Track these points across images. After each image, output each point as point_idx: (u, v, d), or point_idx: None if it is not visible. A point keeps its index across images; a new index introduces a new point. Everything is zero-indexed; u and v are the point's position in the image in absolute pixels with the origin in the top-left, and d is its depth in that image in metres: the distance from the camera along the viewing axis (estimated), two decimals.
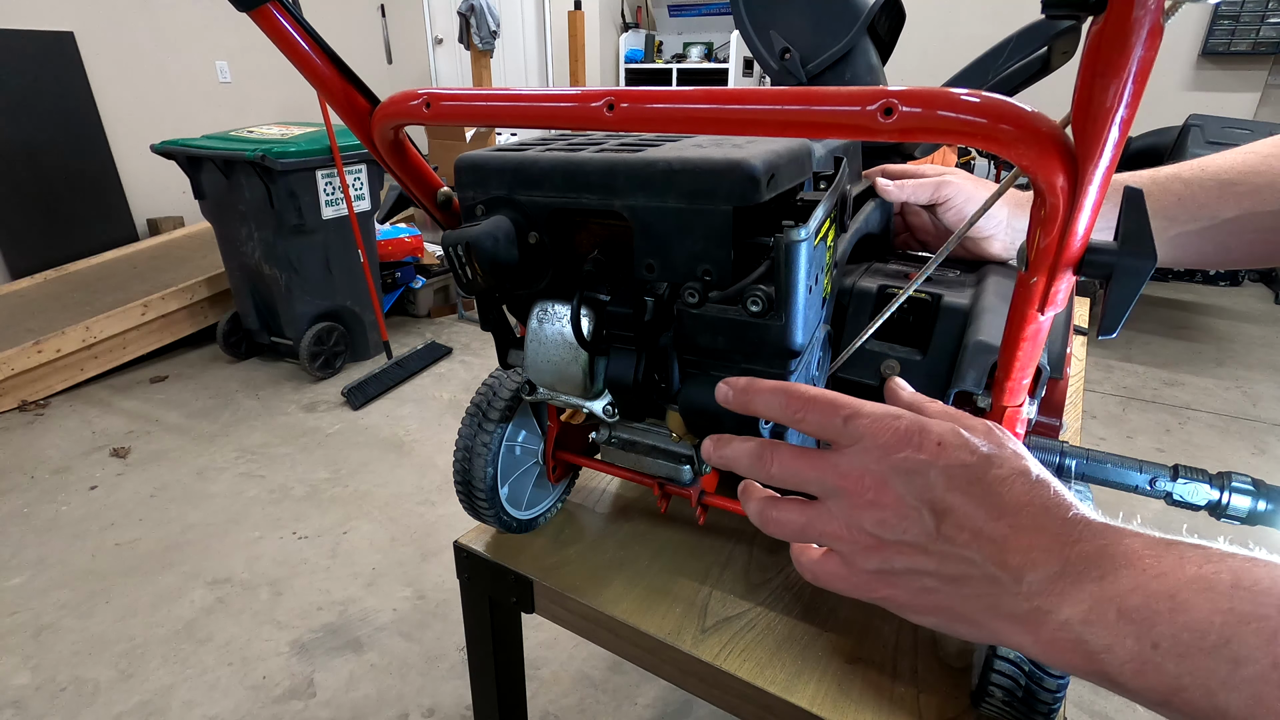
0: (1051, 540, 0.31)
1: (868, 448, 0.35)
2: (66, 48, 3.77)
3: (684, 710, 1.46)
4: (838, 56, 0.62)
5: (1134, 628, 0.28)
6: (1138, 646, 0.28)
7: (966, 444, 0.34)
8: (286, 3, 0.45)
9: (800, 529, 0.38)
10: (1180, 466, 0.52)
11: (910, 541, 0.34)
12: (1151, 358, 3.20)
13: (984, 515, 0.32)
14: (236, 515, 2.09)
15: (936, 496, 0.33)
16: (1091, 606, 0.29)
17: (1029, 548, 0.31)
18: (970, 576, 0.33)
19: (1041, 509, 0.32)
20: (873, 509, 0.34)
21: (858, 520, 0.35)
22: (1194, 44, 4.23)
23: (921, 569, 0.34)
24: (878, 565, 0.35)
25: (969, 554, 0.32)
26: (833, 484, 0.36)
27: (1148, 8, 0.26)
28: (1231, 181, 0.62)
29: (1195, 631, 0.27)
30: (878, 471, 0.34)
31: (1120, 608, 0.29)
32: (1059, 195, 0.33)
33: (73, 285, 3.31)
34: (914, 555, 0.34)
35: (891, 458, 0.34)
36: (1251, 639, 0.26)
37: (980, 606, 0.33)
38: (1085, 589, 0.30)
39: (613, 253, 0.50)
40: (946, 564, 0.33)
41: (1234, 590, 0.27)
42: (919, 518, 0.33)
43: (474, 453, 0.65)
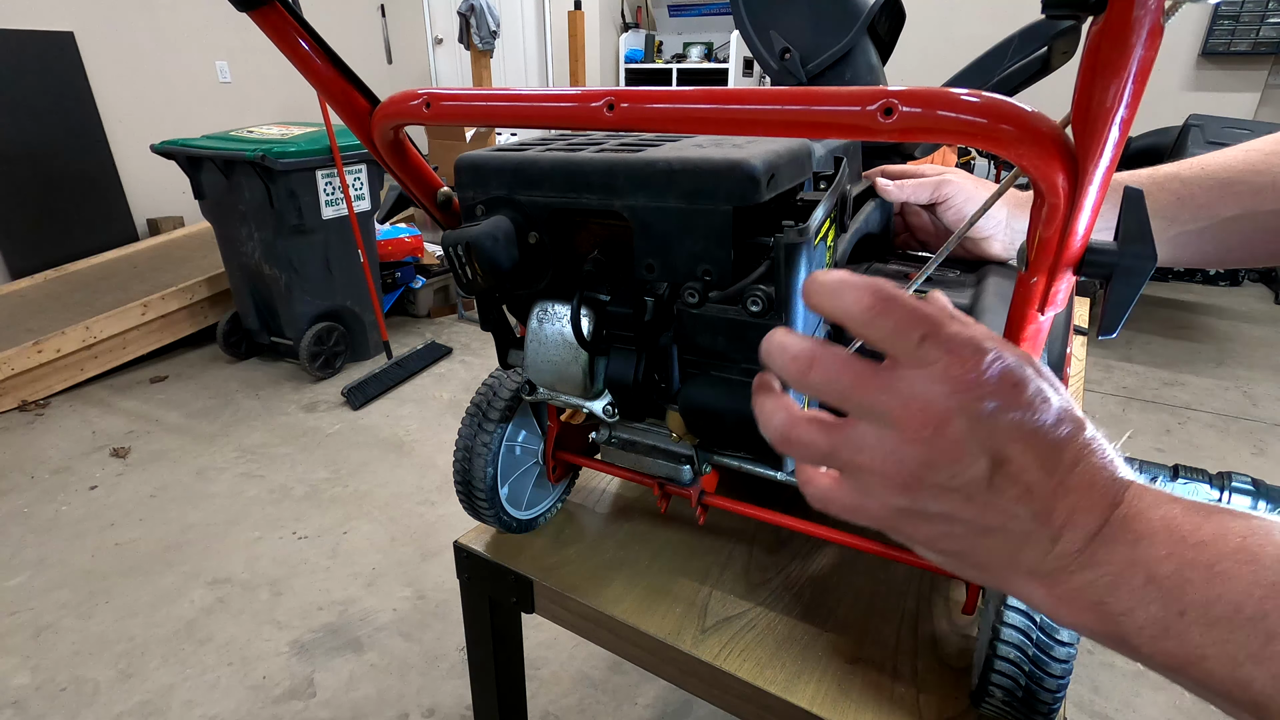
0: (1096, 501, 0.30)
1: (938, 376, 0.30)
2: (66, 48, 3.77)
3: (684, 710, 1.46)
4: (838, 56, 0.62)
5: (1161, 594, 0.28)
6: (1162, 613, 0.28)
7: (1040, 390, 0.31)
8: (286, 3, 0.45)
9: (825, 454, 0.33)
10: (1180, 466, 0.52)
11: (956, 487, 0.31)
12: (1151, 358, 3.20)
13: (1041, 471, 0.30)
14: (236, 515, 2.09)
15: (999, 445, 0.30)
16: (1121, 570, 0.29)
17: (1073, 507, 0.30)
18: (1006, 530, 0.31)
19: (1093, 467, 0.30)
20: (924, 446, 0.31)
21: (901, 454, 0.31)
22: (1194, 44, 4.22)
23: (957, 515, 0.31)
24: (908, 504, 0.32)
25: (1015, 508, 0.30)
26: (883, 408, 0.31)
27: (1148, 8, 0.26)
28: (1231, 181, 0.62)
29: (1230, 603, 0.26)
30: (944, 406, 0.30)
31: (1149, 573, 0.28)
32: (1059, 195, 0.33)
33: (73, 285, 3.31)
34: (954, 502, 0.31)
35: (964, 394, 0.30)
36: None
37: (1002, 557, 0.32)
38: (1117, 551, 0.29)
39: (613, 253, 0.50)
40: (987, 514, 0.31)
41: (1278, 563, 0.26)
42: (973, 464, 0.30)
43: (474, 453, 0.65)
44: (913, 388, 0.31)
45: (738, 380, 0.47)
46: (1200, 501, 0.30)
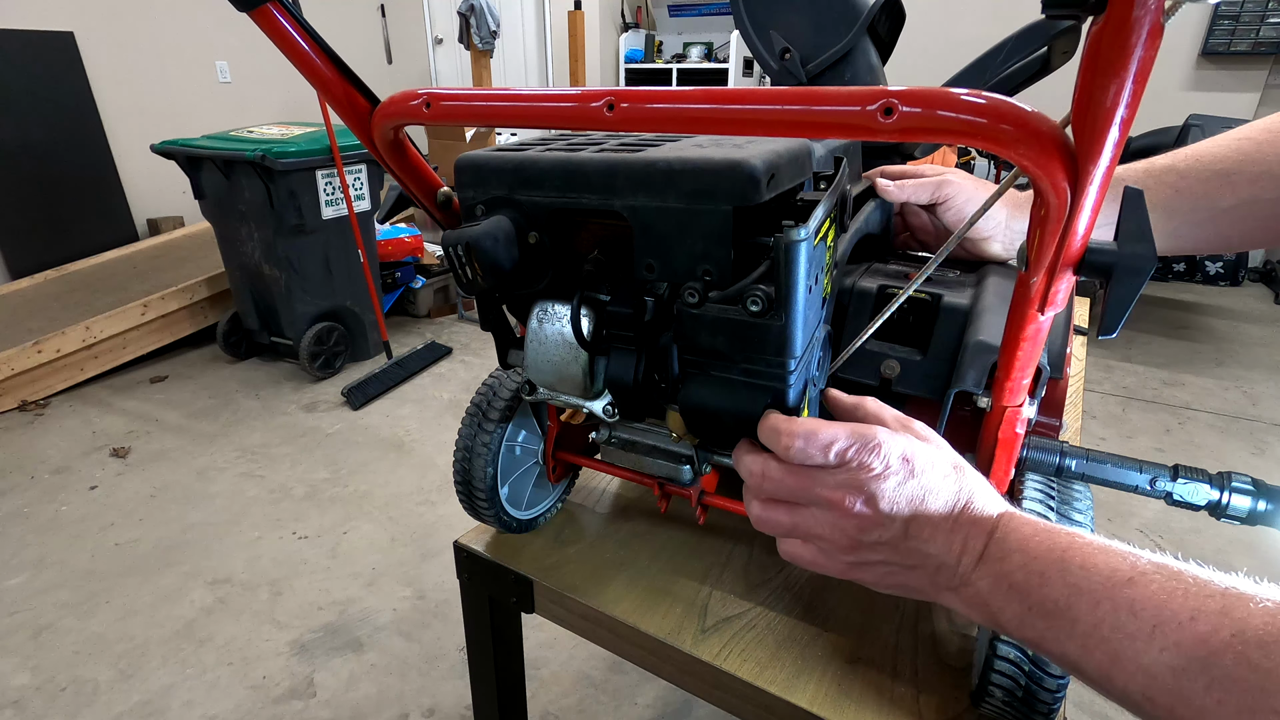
0: (979, 532, 0.41)
1: (852, 470, 0.42)
2: (66, 48, 3.77)
3: (684, 710, 1.46)
4: (838, 56, 0.62)
5: (1017, 596, 0.38)
6: (1019, 609, 0.38)
7: (928, 457, 0.43)
8: (286, 3, 0.45)
9: (789, 528, 0.46)
10: (1180, 466, 0.52)
11: (884, 541, 0.43)
12: (1151, 358, 3.20)
13: (940, 518, 0.42)
14: (236, 515, 2.09)
15: (907, 508, 0.42)
16: (994, 581, 0.40)
17: (965, 538, 0.41)
18: (924, 564, 0.42)
19: (976, 507, 0.42)
20: (856, 519, 0.43)
21: (841, 526, 0.43)
22: (1194, 44, 4.22)
23: (889, 560, 0.44)
24: (855, 559, 0.45)
25: (928, 548, 0.42)
26: (821, 497, 0.44)
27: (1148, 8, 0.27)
28: (1228, 171, 0.62)
29: (1051, 600, 0.37)
30: (864, 491, 0.42)
31: (1010, 582, 0.39)
32: (1059, 195, 0.33)
33: (73, 285, 3.31)
34: (885, 551, 0.43)
35: (873, 479, 0.42)
36: (1083, 606, 0.36)
37: (927, 582, 0.43)
38: (992, 568, 0.40)
39: (613, 253, 0.50)
40: (909, 556, 0.43)
41: (1080, 570, 0.37)
42: (892, 525, 0.42)
43: (474, 453, 0.65)
44: (836, 480, 0.43)
45: (738, 380, 0.46)
46: (1045, 523, 0.40)
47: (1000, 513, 0.42)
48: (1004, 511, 0.42)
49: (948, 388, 0.53)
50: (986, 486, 0.43)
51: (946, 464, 0.43)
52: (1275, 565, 1.89)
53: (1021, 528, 0.40)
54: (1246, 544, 1.92)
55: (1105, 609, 0.35)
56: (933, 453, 0.43)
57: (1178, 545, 1.93)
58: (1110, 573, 0.36)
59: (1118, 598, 0.35)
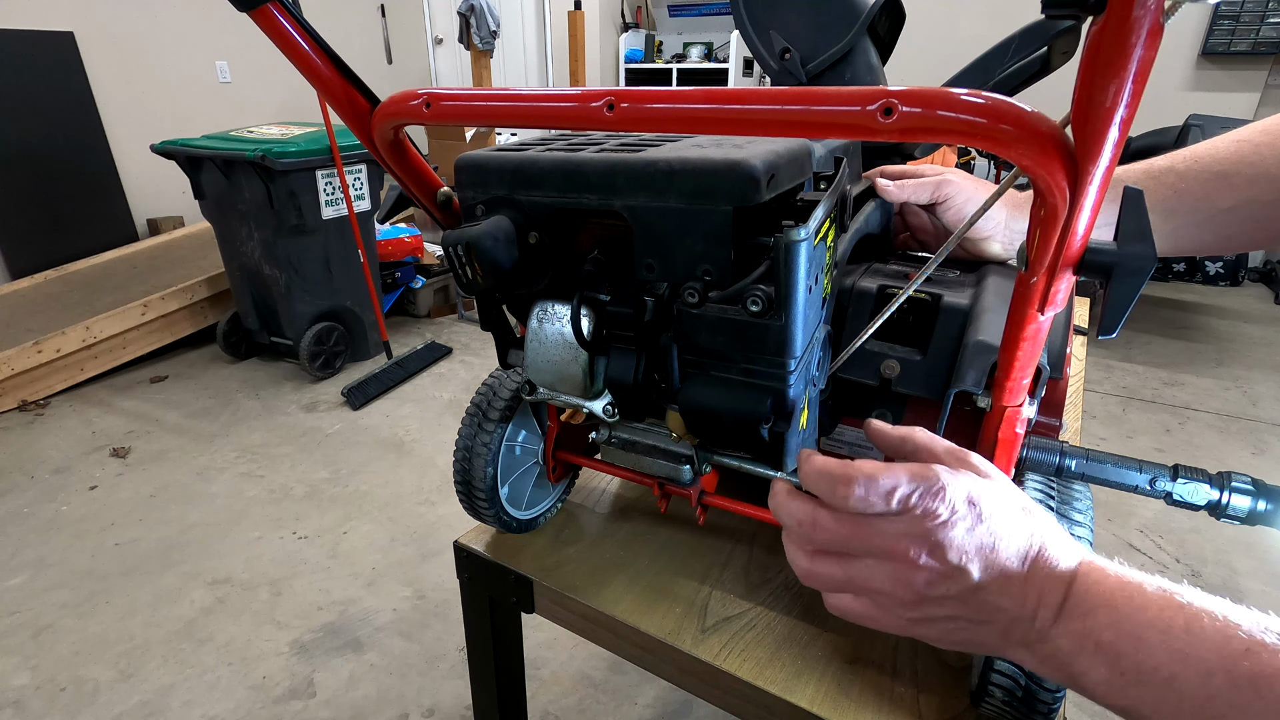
0: (1057, 583, 0.37)
1: (915, 518, 0.38)
2: (66, 48, 3.77)
3: (684, 710, 1.46)
4: (838, 56, 0.62)
5: (1106, 659, 0.35)
6: (1108, 674, 0.35)
7: (994, 500, 0.39)
8: (286, 3, 0.45)
9: (842, 583, 0.42)
10: (1180, 466, 0.52)
11: (952, 596, 0.39)
12: (1151, 358, 3.20)
13: (1013, 566, 0.38)
14: (236, 515, 2.09)
15: (975, 557, 0.38)
16: (1078, 640, 0.36)
17: (1041, 590, 0.37)
18: (995, 620, 0.39)
19: (1051, 554, 0.38)
20: (923, 571, 0.39)
21: (904, 579, 0.39)
22: (1194, 44, 4.22)
23: (958, 615, 0.39)
24: (918, 614, 0.40)
25: (999, 601, 0.38)
26: (879, 547, 0.40)
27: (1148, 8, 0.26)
28: (1226, 173, 0.62)
29: (1150, 667, 0.33)
30: (930, 540, 0.38)
31: (1097, 642, 0.35)
32: (1059, 195, 0.33)
33: (73, 285, 3.31)
34: (953, 606, 0.39)
35: (939, 527, 0.38)
36: (1191, 676, 0.32)
37: (997, 639, 0.39)
38: (1074, 624, 0.36)
39: (613, 253, 0.50)
40: (979, 611, 0.39)
41: (1185, 634, 0.33)
42: (963, 577, 0.38)
43: (474, 453, 0.65)
44: (897, 528, 0.39)
45: (738, 380, 0.46)
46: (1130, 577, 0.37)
47: (1079, 561, 0.38)
48: (1083, 560, 0.38)
49: (948, 388, 0.53)
50: (1058, 528, 0.40)
51: (1015, 505, 0.39)
52: (1275, 565, 1.89)
53: (1105, 579, 0.36)
54: (1246, 544, 1.92)
55: (1219, 683, 0.31)
56: (999, 492, 0.39)
57: (1178, 545, 1.93)
58: (1223, 640, 0.32)
59: (1236, 672, 0.31)
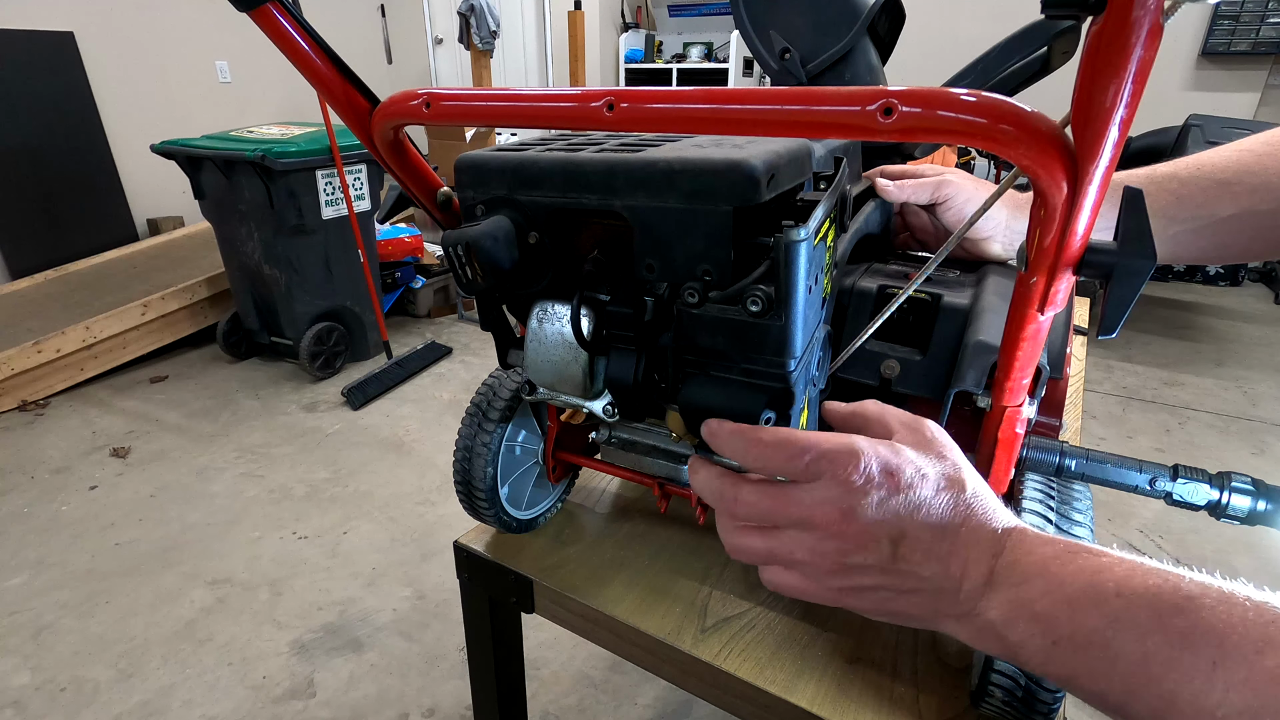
0: (983, 553, 0.37)
1: (829, 484, 0.38)
2: (66, 48, 3.77)
3: (684, 710, 1.46)
4: (838, 56, 0.62)
5: (1040, 628, 0.34)
6: (1043, 642, 0.34)
7: (916, 469, 0.38)
8: (286, 3, 0.45)
9: (766, 555, 0.42)
10: (1180, 466, 0.52)
11: (872, 565, 0.38)
12: (1151, 358, 3.20)
13: (932, 536, 0.37)
14: (236, 515, 2.09)
15: (893, 526, 0.37)
16: (1010, 611, 0.35)
17: (966, 560, 0.37)
18: (921, 589, 0.38)
19: (977, 523, 0.37)
20: (837, 539, 0.39)
21: (822, 549, 0.39)
22: (1194, 44, 4.22)
23: (881, 585, 0.39)
24: (841, 583, 0.40)
25: (922, 571, 0.38)
26: (796, 517, 0.39)
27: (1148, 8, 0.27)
28: (1228, 181, 0.62)
29: (1085, 633, 0.33)
30: (841, 506, 0.38)
31: (1031, 611, 0.35)
32: (1059, 195, 0.33)
33: (73, 285, 3.31)
34: (874, 575, 0.39)
35: (853, 494, 0.38)
36: (1125, 639, 0.31)
37: (927, 609, 0.39)
38: (1005, 594, 0.36)
39: (613, 253, 0.50)
40: (903, 580, 0.38)
41: (1116, 598, 0.32)
42: (879, 546, 0.38)
43: (474, 453, 0.65)
44: (814, 497, 0.39)
45: (737, 380, 0.46)
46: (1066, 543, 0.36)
47: (1007, 528, 0.37)
48: (1012, 527, 0.37)
49: (948, 388, 0.53)
50: (992, 500, 0.39)
51: (938, 475, 0.39)
52: (1275, 565, 1.89)
53: (1039, 548, 0.36)
54: (1246, 544, 1.92)
55: (1154, 642, 0.31)
56: (923, 463, 0.39)
57: (1178, 545, 1.93)
58: (1153, 599, 0.32)
59: (1168, 629, 0.30)
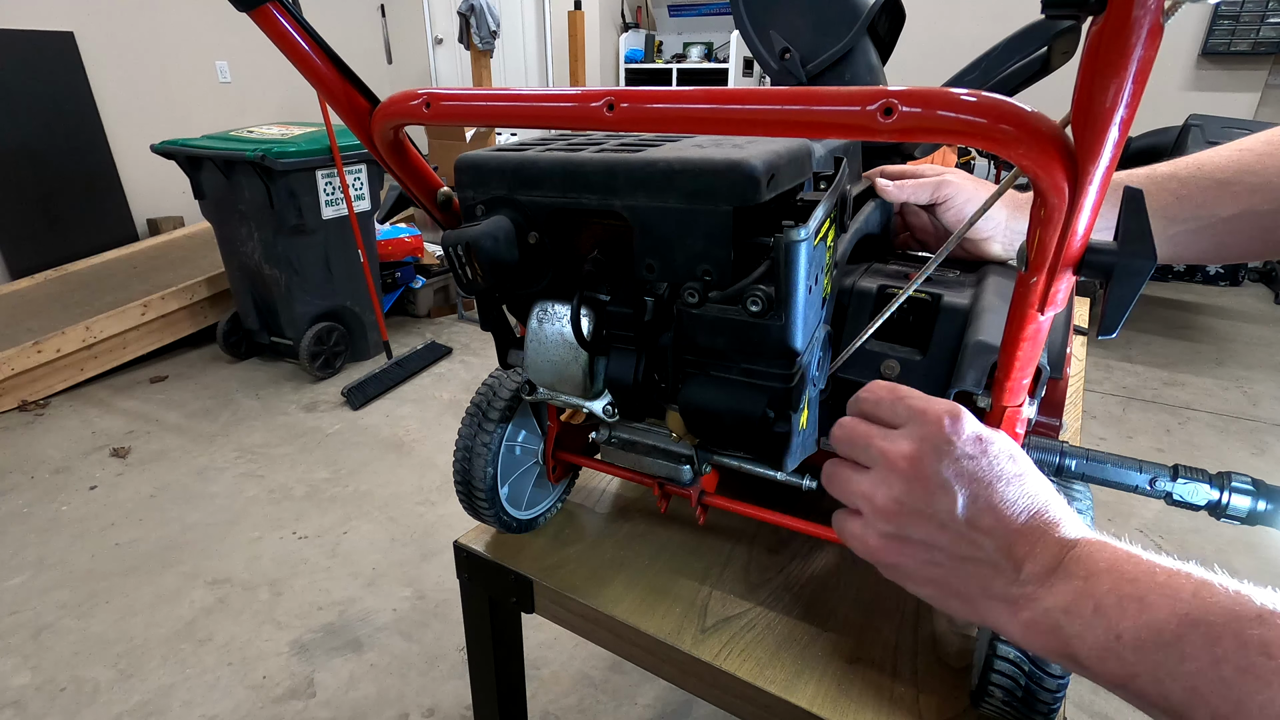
0: (1053, 543, 0.36)
1: (916, 426, 0.39)
2: (66, 48, 3.77)
3: (684, 710, 1.46)
4: (838, 56, 0.62)
5: (1104, 620, 0.33)
6: (1105, 637, 0.33)
7: (1009, 448, 0.38)
8: (286, 3, 0.45)
9: (841, 483, 0.42)
10: (1180, 466, 0.52)
11: (932, 514, 0.38)
12: (1151, 358, 3.20)
13: (1009, 509, 0.37)
14: (236, 515, 2.09)
15: (968, 484, 0.37)
16: (1074, 600, 0.34)
17: (1033, 543, 0.36)
18: (976, 558, 0.37)
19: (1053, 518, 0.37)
20: (902, 479, 0.39)
21: (887, 484, 0.39)
22: (1194, 44, 4.22)
23: (934, 542, 0.38)
24: (893, 530, 0.39)
25: (983, 539, 0.37)
26: (877, 452, 0.40)
27: (1148, 8, 0.27)
28: (1228, 181, 0.62)
29: (1153, 629, 0.31)
30: (919, 448, 0.38)
31: (1097, 604, 0.33)
32: (1059, 195, 0.33)
33: (73, 285, 3.30)
34: (931, 528, 0.38)
35: (935, 439, 0.38)
36: (1197, 640, 0.30)
37: (976, 585, 0.38)
38: (1071, 584, 0.35)
39: (613, 253, 0.50)
40: (959, 543, 0.37)
41: (1193, 599, 0.31)
42: (944, 496, 0.37)
43: (474, 453, 0.65)
44: (898, 437, 0.40)
45: (738, 380, 0.46)
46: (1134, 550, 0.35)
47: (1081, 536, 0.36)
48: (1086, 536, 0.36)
49: (948, 388, 0.53)
50: (1071, 513, 0.38)
51: (1028, 464, 0.39)
52: (1275, 565, 1.89)
53: (1107, 548, 0.35)
54: (1246, 544, 1.92)
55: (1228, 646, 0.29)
56: (1017, 451, 0.39)
57: (1178, 545, 1.93)
58: (1232, 604, 0.30)
59: (1245, 635, 0.29)
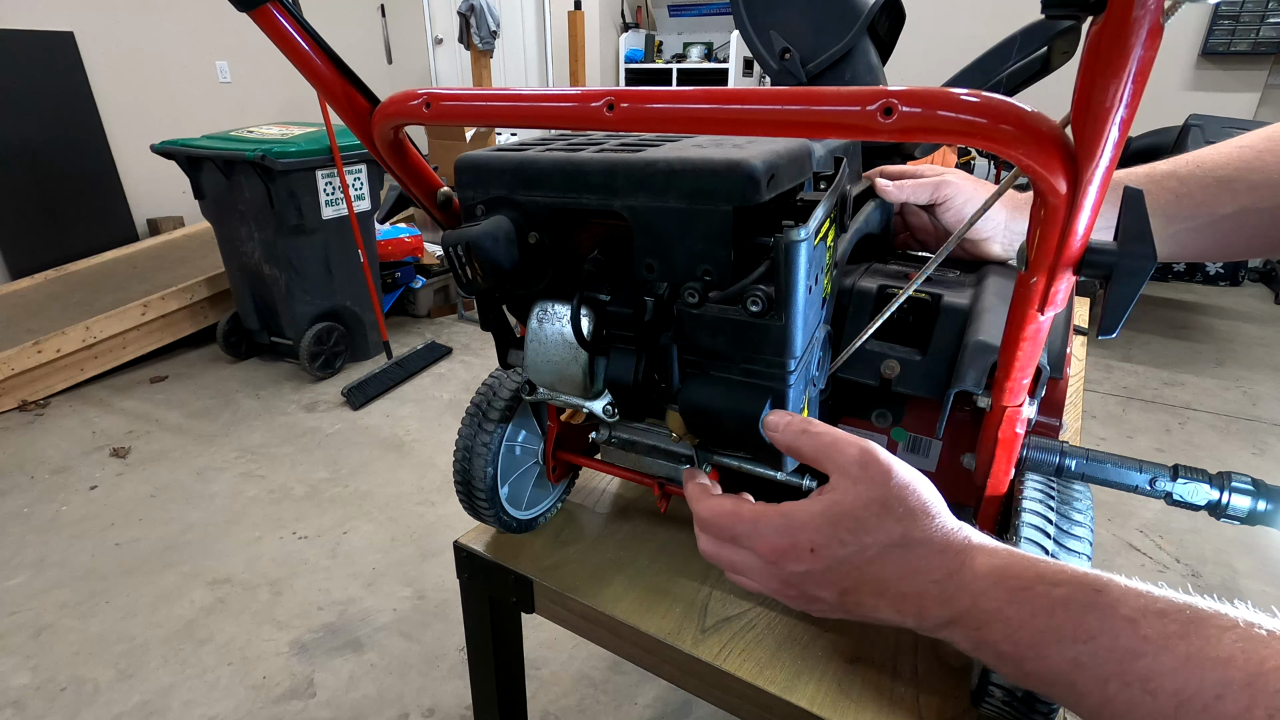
0: (934, 601, 0.39)
1: (757, 557, 0.43)
2: (66, 48, 3.77)
3: (684, 710, 1.46)
4: (838, 56, 0.62)
5: (1010, 666, 0.37)
6: (1015, 673, 0.37)
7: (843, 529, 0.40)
8: (286, 3, 0.45)
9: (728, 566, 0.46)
10: (1180, 466, 0.52)
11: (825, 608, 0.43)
12: (1151, 358, 3.20)
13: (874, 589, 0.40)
14: (236, 515, 2.09)
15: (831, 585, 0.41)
16: (974, 646, 0.38)
17: (918, 605, 0.39)
18: (879, 617, 0.41)
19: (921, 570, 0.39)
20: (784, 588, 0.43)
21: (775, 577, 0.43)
22: (1194, 44, 4.22)
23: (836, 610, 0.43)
24: (804, 606, 0.44)
25: (874, 614, 0.41)
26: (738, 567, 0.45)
27: (1148, 8, 0.27)
28: (1228, 179, 0.62)
29: (1049, 674, 0.35)
30: (773, 578, 0.43)
31: (996, 651, 0.37)
32: (1059, 195, 0.33)
33: (73, 285, 3.30)
34: (826, 606, 0.43)
35: (778, 569, 0.42)
36: (1088, 682, 0.33)
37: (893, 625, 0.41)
38: (969, 634, 0.38)
39: (613, 253, 0.50)
40: (858, 611, 0.42)
41: (1073, 642, 0.34)
42: (823, 600, 0.42)
43: (474, 453, 0.65)
44: (748, 563, 0.44)
45: (738, 380, 0.46)
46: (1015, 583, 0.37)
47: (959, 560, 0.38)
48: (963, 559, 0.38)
49: (948, 388, 0.53)
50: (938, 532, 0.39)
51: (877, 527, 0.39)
52: (1275, 565, 1.89)
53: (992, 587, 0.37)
54: (1246, 544, 1.92)
55: (1114, 688, 0.32)
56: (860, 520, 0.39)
57: (1178, 545, 1.93)
58: (1112, 640, 0.32)
59: (1128, 674, 0.31)
